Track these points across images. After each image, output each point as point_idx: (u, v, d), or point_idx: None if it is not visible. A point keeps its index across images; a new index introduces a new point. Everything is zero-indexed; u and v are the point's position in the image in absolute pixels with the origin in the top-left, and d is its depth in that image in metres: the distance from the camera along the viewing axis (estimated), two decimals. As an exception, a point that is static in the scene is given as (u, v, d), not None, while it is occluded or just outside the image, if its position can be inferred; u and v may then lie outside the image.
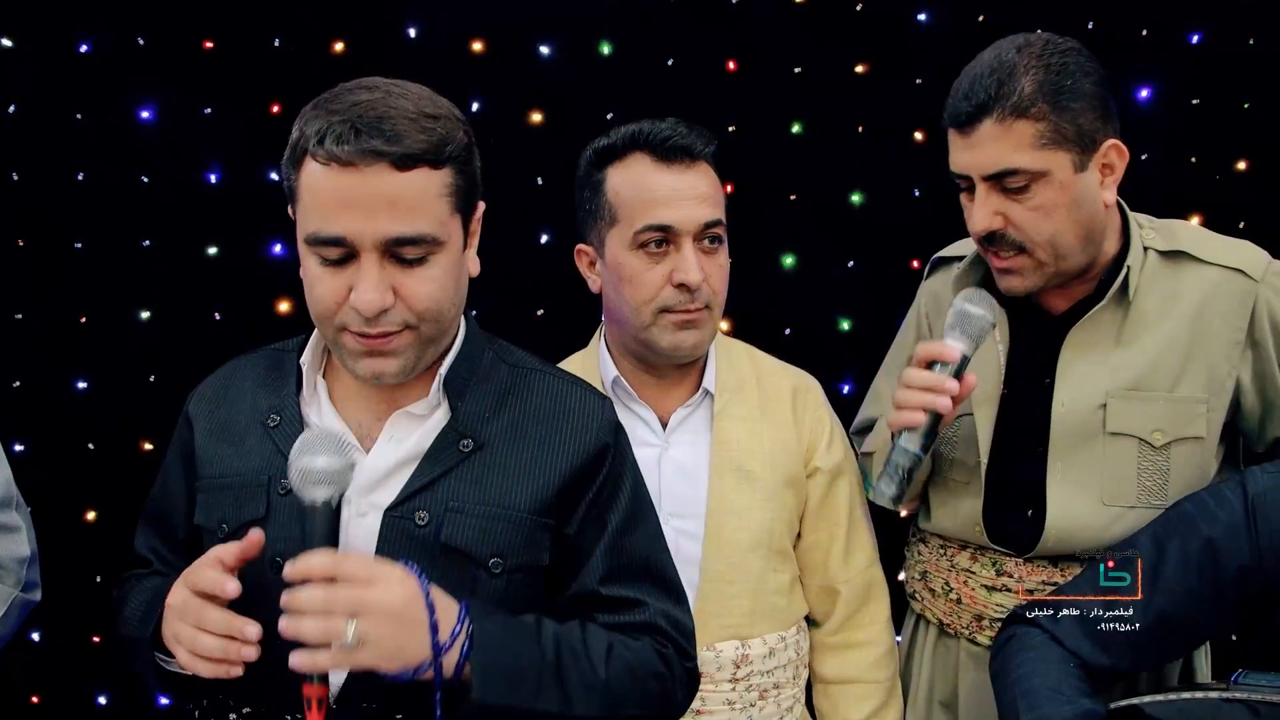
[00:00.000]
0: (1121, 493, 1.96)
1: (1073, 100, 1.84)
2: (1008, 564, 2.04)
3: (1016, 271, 1.93)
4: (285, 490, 1.58)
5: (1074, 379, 1.97)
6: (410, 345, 1.56)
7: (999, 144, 1.85)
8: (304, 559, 1.41)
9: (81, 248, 2.90)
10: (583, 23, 2.96)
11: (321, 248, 1.50)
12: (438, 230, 1.53)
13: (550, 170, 2.95)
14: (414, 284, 1.52)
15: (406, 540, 1.57)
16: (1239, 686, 1.67)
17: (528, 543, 1.61)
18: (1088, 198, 1.88)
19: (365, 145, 1.46)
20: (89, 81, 2.85)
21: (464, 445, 1.61)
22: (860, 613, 2.11)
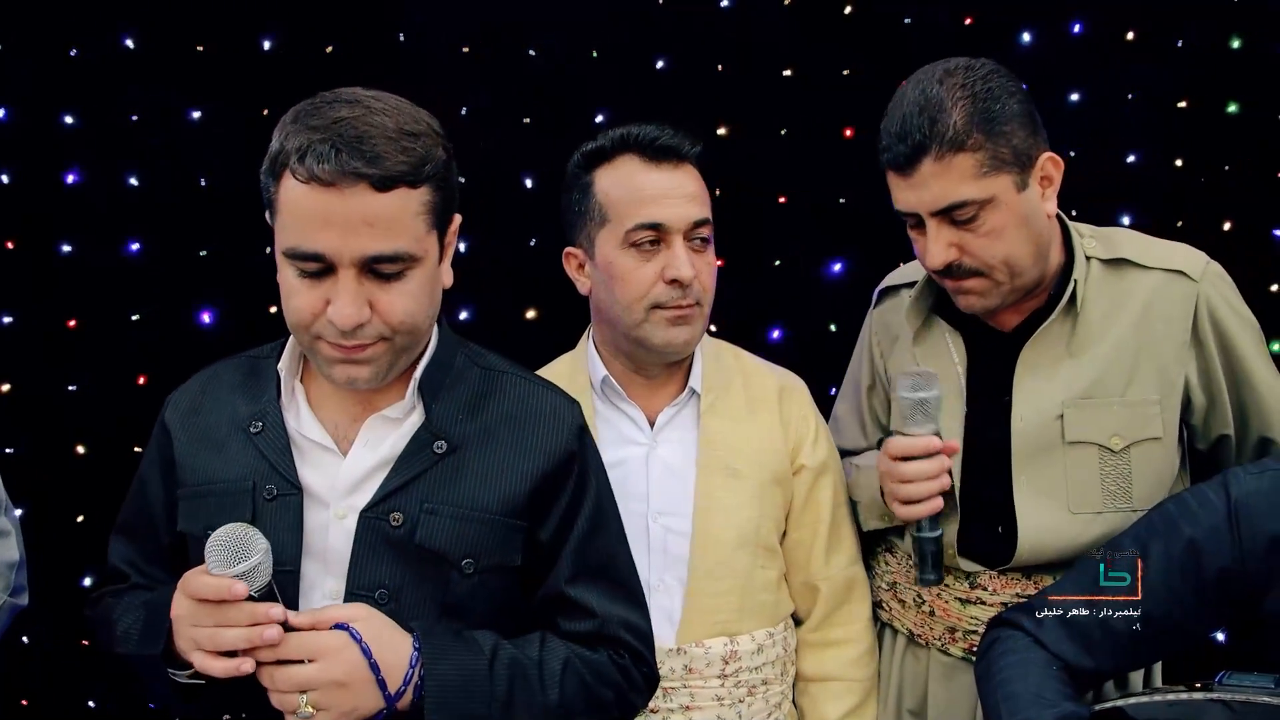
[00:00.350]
0: (1087, 500, 1.98)
1: (1004, 123, 1.85)
2: (981, 577, 2.05)
3: (976, 292, 1.96)
4: (271, 495, 1.63)
5: (1029, 394, 2.00)
6: (384, 354, 1.59)
7: (942, 180, 1.86)
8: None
9: (73, 250, 2.90)
10: (574, 25, 2.96)
11: (300, 261, 1.53)
12: (414, 248, 1.55)
13: (541, 172, 2.96)
14: (390, 299, 1.55)
15: (382, 541, 1.61)
16: (1222, 687, 1.68)
17: (500, 544, 1.65)
18: (1034, 213, 1.91)
19: (346, 166, 1.47)
20: (81, 84, 2.85)
21: (438, 447, 1.65)
22: (840, 610, 2.13)
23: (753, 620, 2.04)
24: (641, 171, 1.99)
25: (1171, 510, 1.83)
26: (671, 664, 1.99)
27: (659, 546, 2.03)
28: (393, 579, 1.61)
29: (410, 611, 1.61)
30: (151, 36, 2.87)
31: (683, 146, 2.01)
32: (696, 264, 1.98)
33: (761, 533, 2.06)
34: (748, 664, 2.03)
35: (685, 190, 1.99)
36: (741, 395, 2.11)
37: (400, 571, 1.61)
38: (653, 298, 1.97)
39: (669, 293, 1.97)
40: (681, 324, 1.99)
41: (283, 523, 1.61)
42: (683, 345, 2.01)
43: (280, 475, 1.64)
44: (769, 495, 2.07)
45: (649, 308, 1.98)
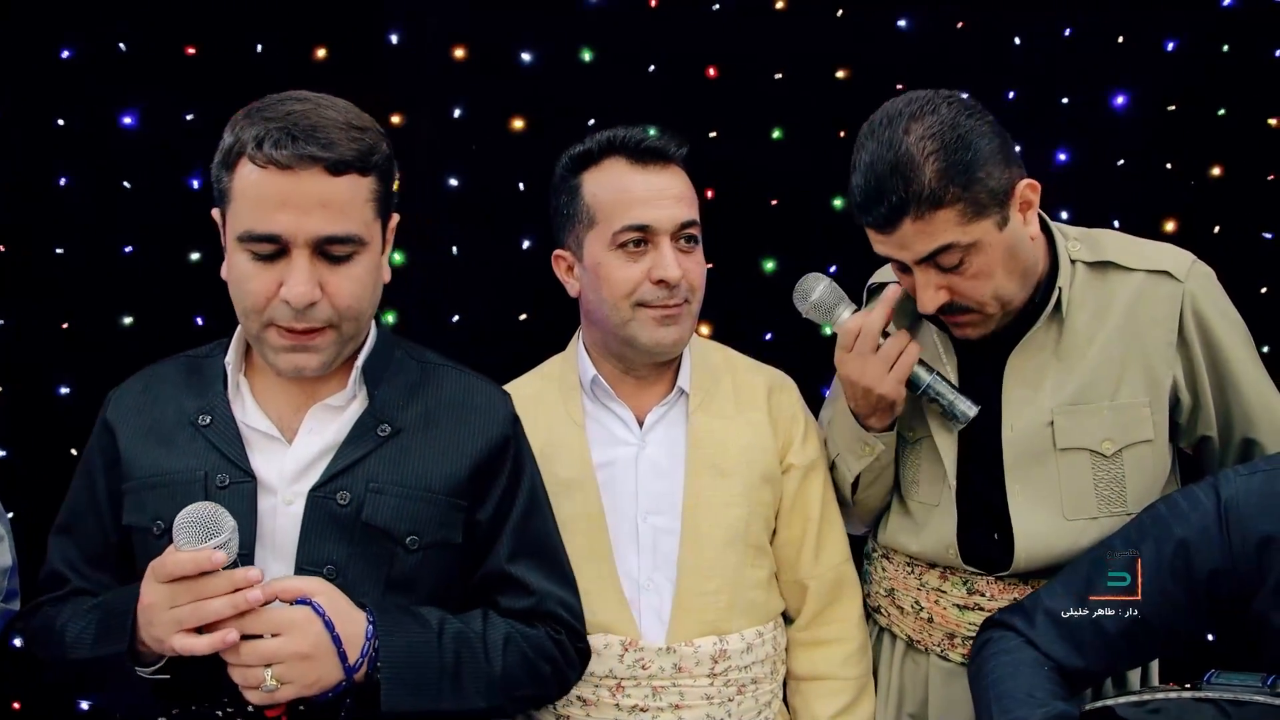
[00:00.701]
0: (1082, 506, 1.98)
1: (978, 169, 1.83)
2: (979, 583, 2.06)
3: (970, 324, 1.97)
4: (224, 484, 1.70)
5: (1018, 402, 2.00)
6: (331, 343, 1.69)
7: (924, 235, 1.86)
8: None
9: (65, 253, 2.89)
10: (564, 29, 2.97)
11: (255, 244, 1.63)
12: (363, 232, 1.67)
13: (532, 176, 2.96)
14: (339, 281, 1.66)
15: (329, 520, 1.70)
16: (1211, 686, 1.68)
17: (442, 521, 1.76)
18: (1018, 243, 1.91)
19: (301, 150, 1.60)
20: (71, 87, 2.85)
21: (381, 430, 1.76)
22: (830, 609, 2.13)
23: (742, 619, 2.05)
24: (628, 174, 2.01)
25: (1162, 511, 1.84)
26: (661, 663, 1.99)
27: (648, 546, 2.04)
28: (340, 555, 1.70)
29: (356, 587, 1.69)
30: (143, 39, 2.86)
31: (669, 148, 2.03)
32: (684, 264, 2.00)
33: (750, 531, 2.06)
34: (737, 663, 2.03)
35: (672, 191, 2.01)
36: (730, 394, 2.12)
37: (347, 548, 1.70)
38: (639, 295, 1.99)
39: (655, 292, 1.99)
40: (669, 323, 2.01)
41: (236, 510, 1.66)
42: (671, 345, 2.02)
43: (233, 464, 1.71)
44: (758, 494, 2.07)
45: (635, 305, 2.00)
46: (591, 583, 2.00)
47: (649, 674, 2.00)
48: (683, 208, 2.02)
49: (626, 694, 2.00)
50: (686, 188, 2.05)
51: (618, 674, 2.00)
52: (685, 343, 2.06)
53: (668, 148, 2.03)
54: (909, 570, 2.15)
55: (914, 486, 2.13)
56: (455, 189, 2.97)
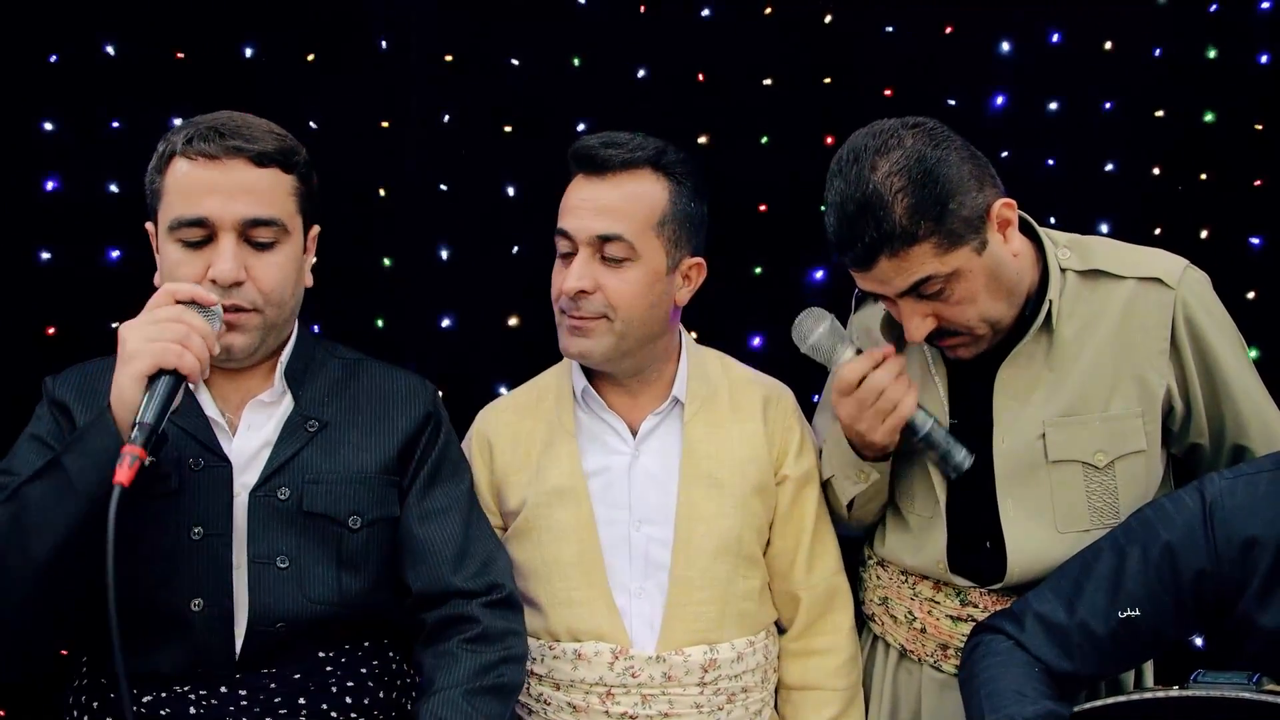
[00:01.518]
0: (1074, 518, 1.98)
1: (949, 201, 1.82)
2: (972, 594, 2.05)
3: (961, 346, 1.97)
4: (198, 466, 1.79)
5: (1009, 415, 2.00)
6: (257, 327, 1.81)
7: (902, 272, 1.86)
8: None
9: (52, 258, 2.88)
10: (555, 34, 2.97)
11: (185, 229, 1.76)
12: (286, 220, 1.83)
13: (523, 181, 2.96)
14: (263, 267, 1.80)
15: (273, 514, 1.82)
16: (1198, 685, 1.69)
17: (379, 500, 1.90)
18: (1000, 264, 1.90)
19: (229, 143, 1.78)
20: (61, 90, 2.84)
21: (310, 426, 1.89)
22: (822, 620, 2.13)
23: (733, 629, 2.05)
24: (578, 182, 2.04)
25: (1149, 516, 1.85)
26: (651, 671, 1.99)
27: (640, 555, 2.04)
28: (289, 545, 1.83)
29: (310, 570, 1.83)
30: (131, 43, 2.86)
31: (610, 158, 2.00)
32: (603, 277, 1.98)
33: (743, 542, 2.06)
34: (727, 672, 2.03)
35: (598, 203, 1.99)
36: (726, 404, 2.11)
37: (295, 537, 1.82)
38: (560, 304, 2.02)
39: (567, 301, 2.00)
40: (577, 334, 2.01)
41: (213, 491, 1.79)
42: (577, 355, 2.03)
43: (206, 448, 1.80)
44: (750, 505, 2.07)
45: (559, 312, 2.03)
46: (582, 590, 2.00)
47: (638, 682, 2.00)
48: (602, 220, 1.98)
49: (616, 701, 2.00)
50: (625, 200, 2.00)
51: (607, 681, 2.00)
52: (599, 355, 2.02)
53: (607, 157, 2.00)
54: (903, 580, 2.14)
55: (909, 499, 2.11)
56: (445, 194, 2.97)
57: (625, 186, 2.00)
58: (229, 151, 1.78)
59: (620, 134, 2.05)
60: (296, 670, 1.83)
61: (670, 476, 2.07)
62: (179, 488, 1.78)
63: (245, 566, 1.80)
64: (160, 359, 1.58)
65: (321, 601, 1.83)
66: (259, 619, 1.80)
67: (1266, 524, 1.75)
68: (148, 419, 1.56)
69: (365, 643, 1.93)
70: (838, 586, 2.16)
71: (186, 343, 1.59)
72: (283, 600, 1.81)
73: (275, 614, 1.80)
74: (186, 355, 1.59)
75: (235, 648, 1.79)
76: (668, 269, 2.04)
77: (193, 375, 1.60)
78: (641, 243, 1.99)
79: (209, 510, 1.79)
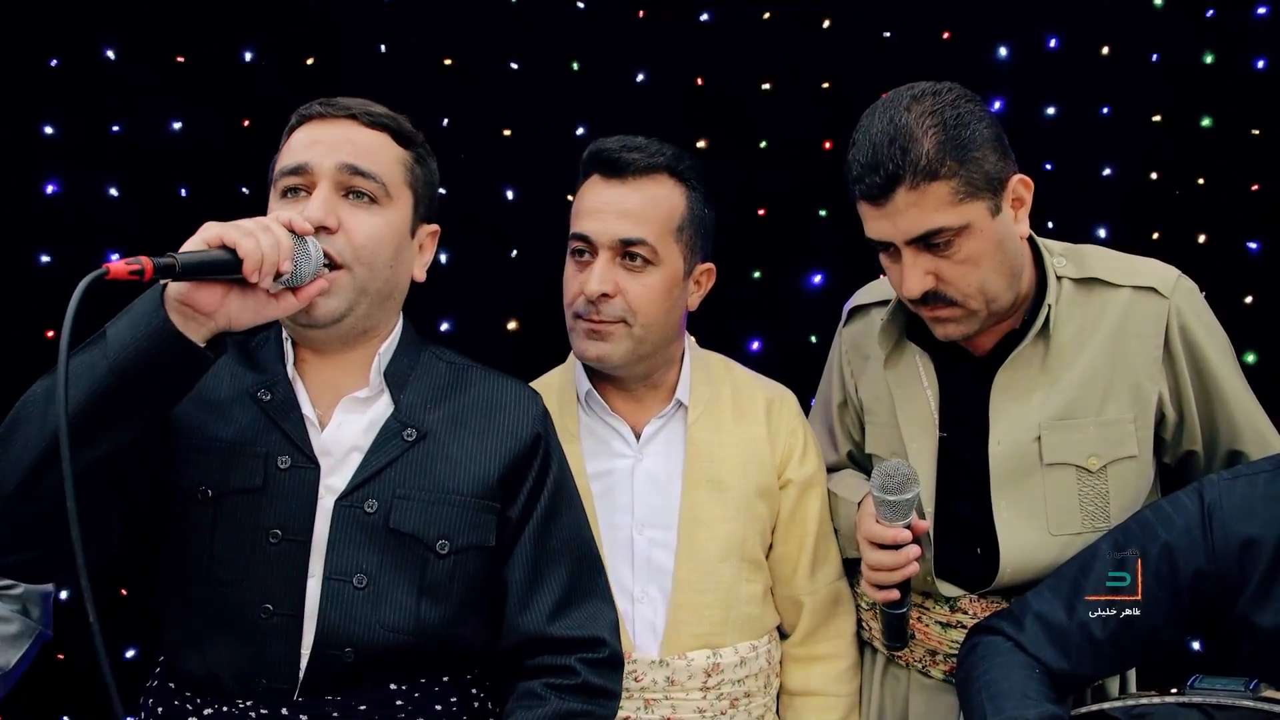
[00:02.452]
0: (1066, 521, 1.98)
1: (975, 149, 1.83)
2: (962, 601, 2.05)
3: (952, 320, 1.94)
4: (285, 465, 1.67)
5: (1005, 418, 1.99)
6: (345, 288, 1.67)
7: (917, 209, 1.84)
8: None
9: (52, 260, 2.89)
10: (554, 38, 2.98)
11: (285, 179, 1.68)
12: (389, 179, 1.72)
13: (521, 184, 2.97)
14: (357, 220, 1.68)
15: (357, 527, 1.68)
16: (1195, 690, 1.69)
17: (473, 525, 1.74)
18: (1008, 237, 1.90)
19: (340, 106, 1.73)
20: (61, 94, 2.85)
21: (408, 434, 1.74)
22: (826, 626, 2.13)
23: (736, 633, 2.04)
24: (595, 185, 2.01)
25: (1148, 517, 1.85)
26: (654, 675, 1.99)
27: (643, 558, 2.03)
28: (370, 564, 1.68)
29: (388, 594, 1.68)
30: (132, 47, 2.87)
31: (632, 161, 1.99)
32: (625, 282, 1.97)
33: (746, 546, 2.06)
34: (730, 676, 2.03)
35: (621, 206, 1.97)
36: (729, 407, 2.11)
37: (377, 556, 1.68)
38: (575, 307, 1.99)
39: (585, 305, 1.97)
40: (594, 338, 1.98)
41: (297, 495, 1.67)
42: (594, 359, 2.00)
43: (296, 447, 1.70)
44: (754, 508, 2.07)
45: (574, 316, 2.00)
46: None
47: (641, 686, 2.00)
48: (626, 224, 1.96)
49: (619, 706, 1.99)
50: (646, 204, 1.98)
51: None
52: (616, 359, 2.00)
53: (629, 161, 1.98)
54: None
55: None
56: (443, 198, 2.96)
57: (646, 190, 1.98)
58: (339, 110, 1.72)
59: (637, 138, 2.02)
60: (364, 701, 1.68)
61: (673, 480, 2.07)
62: (263, 485, 1.67)
63: (320, 578, 1.67)
64: (225, 234, 1.48)
65: (396, 630, 1.68)
66: (327, 640, 1.65)
67: (1264, 524, 1.75)
68: (180, 254, 1.44)
69: (444, 677, 1.77)
70: (841, 592, 2.16)
71: (257, 234, 1.48)
72: (354, 623, 1.66)
73: (344, 637, 1.66)
74: (249, 239, 1.47)
75: (300, 665, 1.65)
76: (684, 274, 2.04)
77: (249, 261, 1.47)
78: (663, 247, 1.98)
79: (291, 514, 1.67)
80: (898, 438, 2.08)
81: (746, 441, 2.08)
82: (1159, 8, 3.03)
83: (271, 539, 1.66)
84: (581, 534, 1.87)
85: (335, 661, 1.65)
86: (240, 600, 1.65)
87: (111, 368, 1.46)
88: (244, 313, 1.53)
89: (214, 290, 1.49)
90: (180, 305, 1.48)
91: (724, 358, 2.21)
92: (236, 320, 1.52)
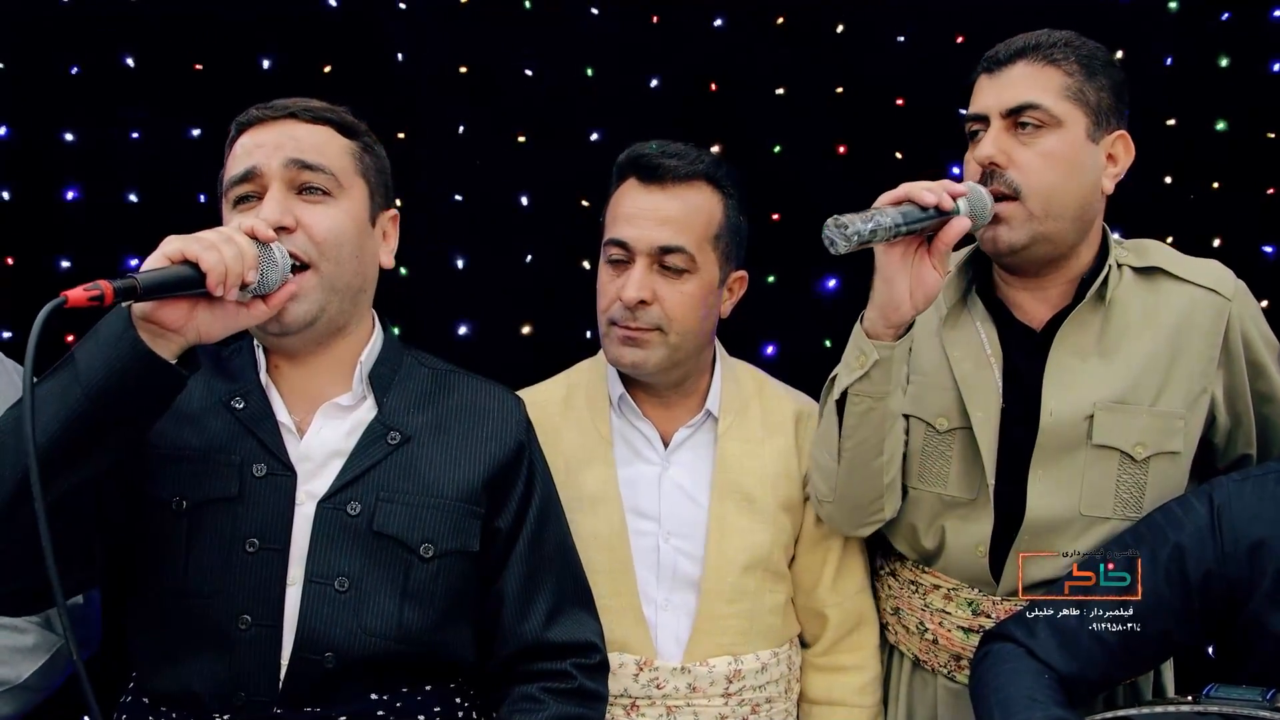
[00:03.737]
0: (1099, 503, 1.97)
1: (1099, 75, 1.95)
2: (984, 604, 2.04)
3: (1006, 220, 1.92)
4: (260, 473, 1.66)
5: (1061, 388, 1.98)
6: (315, 287, 1.66)
7: (1027, 81, 1.93)
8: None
9: (71, 266, 2.91)
10: (568, 44, 2.99)
11: (235, 188, 1.67)
12: (339, 170, 1.71)
13: (536, 190, 2.98)
14: (314, 215, 1.67)
15: (339, 529, 1.67)
16: (1211, 700, 1.69)
17: (456, 529, 1.73)
18: (1090, 169, 1.94)
19: (278, 107, 1.72)
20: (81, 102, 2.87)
21: (391, 438, 1.74)
22: (849, 637, 2.13)
23: (759, 641, 2.06)
24: (631, 190, 2.00)
25: (1158, 519, 1.86)
26: (676, 682, 2.00)
27: (668, 566, 2.04)
28: (352, 567, 1.66)
29: (371, 598, 1.66)
30: (151, 56, 2.88)
31: (671, 168, 1.98)
32: (662, 289, 1.96)
33: (772, 558, 2.06)
34: (752, 683, 2.04)
35: (660, 213, 1.97)
36: (758, 419, 2.11)
37: (360, 559, 1.67)
38: (611, 313, 1.99)
39: (621, 311, 1.97)
40: (629, 344, 1.99)
41: (274, 502, 1.65)
42: (629, 365, 2.01)
43: (271, 454, 1.68)
44: (780, 521, 2.07)
45: (608, 322, 2.00)
46: (610, 600, 1.99)
47: (664, 693, 2.00)
48: (666, 231, 1.96)
49: (641, 713, 2.00)
50: (685, 211, 1.97)
51: (632, 693, 2.01)
52: (650, 367, 2.00)
53: (667, 167, 1.98)
54: (912, 589, 2.12)
55: (943, 483, 2.06)
56: (459, 203, 2.98)
57: (685, 197, 1.98)
58: (278, 112, 1.72)
59: (675, 144, 2.02)
60: (343, 712, 1.65)
61: (699, 490, 2.07)
62: (238, 494, 1.65)
63: (300, 584, 1.65)
64: (187, 248, 1.46)
65: (377, 635, 1.66)
66: (306, 645, 1.63)
67: (1274, 526, 1.76)
68: (140, 274, 1.42)
69: (426, 686, 1.74)
70: (864, 604, 2.16)
71: (220, 246, 1.47)
72: (335, 627, 1.64)
73: (324, 642, 1.63)
74: (212, 253, 1.46)
75: (280, 677, 1.63)
76: (719, 281, 2.04)
77: (213, 275, 1.45)
78: (701, 255, 1.98)
79: (267, 522, 1.65)
80: (954, 402, 2.04)
81: (775, 454, 2.08)
82: (1173, 11, 3.02)
83: (249, 548, 1.64)
84: (567, 541, 1.89)
85: (315, 668, 1.63)
86: (217, 612, 1.63)
87: (86, 393, 1.44)
88: (214, 325, 1.53)
89: (179, 306, 1.48)
90: (146, 324, 1.47)
91: (751, 366, 2.22)
92: (207, 333, 1.52)
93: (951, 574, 2.07)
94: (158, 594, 1.67)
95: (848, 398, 1.88)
